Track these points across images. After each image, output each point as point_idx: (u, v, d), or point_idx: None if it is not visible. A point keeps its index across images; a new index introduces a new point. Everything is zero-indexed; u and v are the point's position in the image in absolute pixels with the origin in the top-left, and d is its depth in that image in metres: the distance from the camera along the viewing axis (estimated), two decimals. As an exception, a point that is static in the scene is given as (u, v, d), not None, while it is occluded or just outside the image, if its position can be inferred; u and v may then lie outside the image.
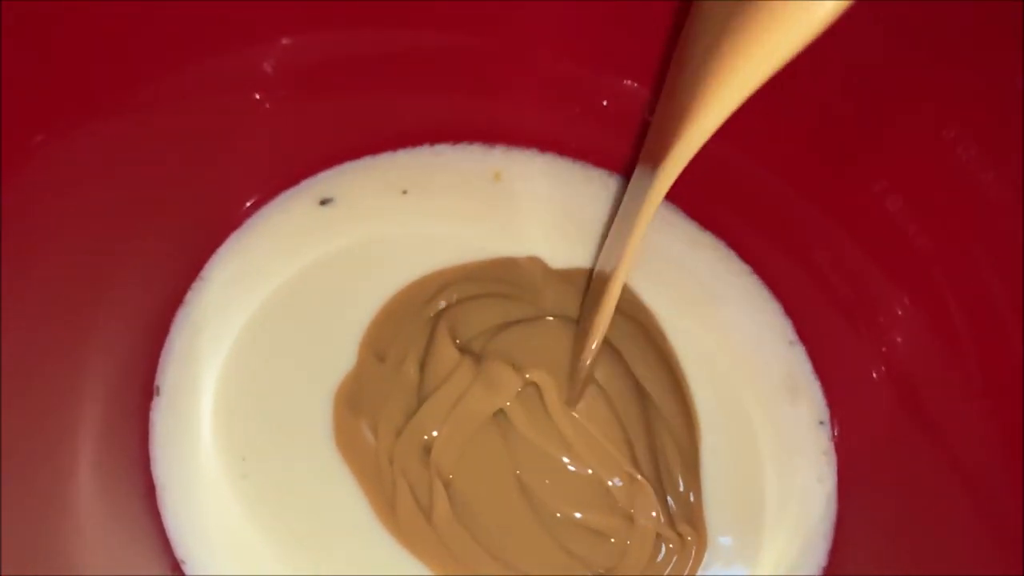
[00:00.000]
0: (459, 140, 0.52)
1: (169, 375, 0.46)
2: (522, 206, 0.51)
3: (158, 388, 0.45)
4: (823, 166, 0.47)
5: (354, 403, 0.46)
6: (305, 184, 0.50)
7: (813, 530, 0.46)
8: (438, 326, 0.47)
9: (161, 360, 0.46)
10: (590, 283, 0.49)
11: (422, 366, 0.46)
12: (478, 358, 0.45)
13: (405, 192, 0.51)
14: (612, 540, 0.44)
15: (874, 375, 0.47)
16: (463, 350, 0.46)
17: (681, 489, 0.45)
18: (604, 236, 0.50)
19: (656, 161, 0.34)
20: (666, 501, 0.44)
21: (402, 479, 0.44)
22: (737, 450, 0.47)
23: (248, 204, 0.49)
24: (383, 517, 0.44)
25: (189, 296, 0.47)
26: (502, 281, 0.49)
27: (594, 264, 0.50)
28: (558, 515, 0.44)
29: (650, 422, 0.46)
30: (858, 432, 0.47)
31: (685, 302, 0.50)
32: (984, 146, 0.39)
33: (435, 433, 0.44)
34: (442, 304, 0.48)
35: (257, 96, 0.45)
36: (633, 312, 0.50)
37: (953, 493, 0.42)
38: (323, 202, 0.50)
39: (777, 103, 0.45)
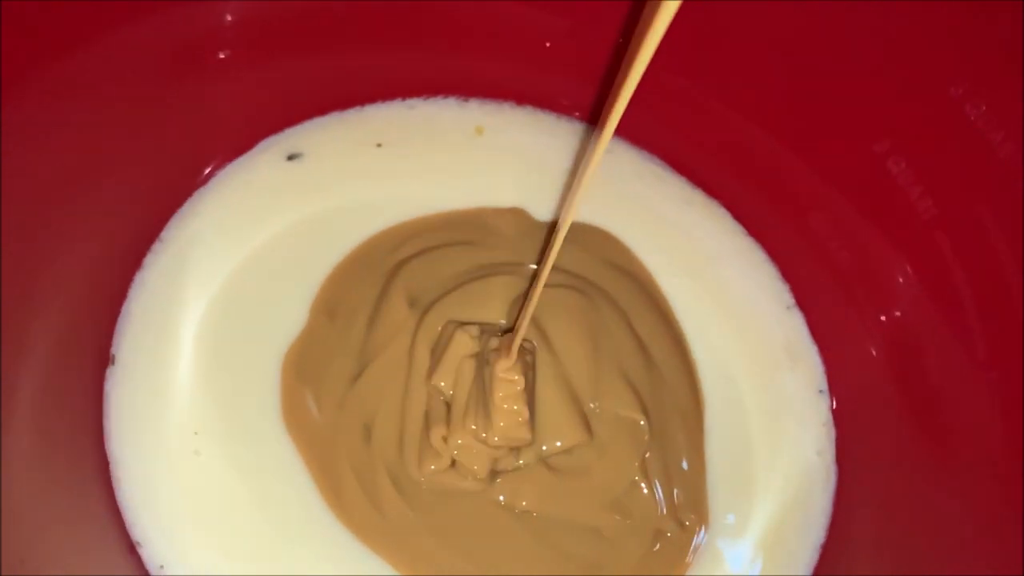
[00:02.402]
0: (433, 94, 0.50)
1: (125, 343, 0.43)
2: (505, 160, 0.49)
3: (113, 356, 0.42)
4: (820, 125, 0.45)
5: (300, 370, 0.43)
6: (271, 140, 0.48)
7: (813, 504, 0.45)
8: (394, 278, 0.44)
9: (117, 327, 0.43)
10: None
11: (370, 323, 0.44)
12: (424, 314, 0.43)
13: (379, 146, 0.49)
14: (604, 535, 0.42)
15: (874, 344, 0.45)
16: (415, 304, 0.44)
17: (685, 467, 0.44)
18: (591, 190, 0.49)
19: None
20: (672, 492, 0.42)
21: (345, 462, 0.41)
22: (736, 418, 0.46)
23: (211, 162, 0.47)
24: (331, 504, 0.41)
25: (148, 259, 0.44)
26: (473, 230, 0.47)
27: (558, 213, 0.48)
28: (535, 513, 0.42)
29: (658, 395, 0.44)
30: (858, 402, 0.46)
31: (679, 260, 0.49)
32: (994, 104, 0.38)
33: (375, 411, 0.42)
34: (403, 255, 0.46)
35: (219, 49, 0.43)
36: (630, 268, 0.48)
37: (955, 467, 0.41)
38: (291, 157, 0.48)
39: (772, 58, 0.44)
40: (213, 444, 0.42)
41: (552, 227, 0.48)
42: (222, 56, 0.43)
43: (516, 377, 0.41)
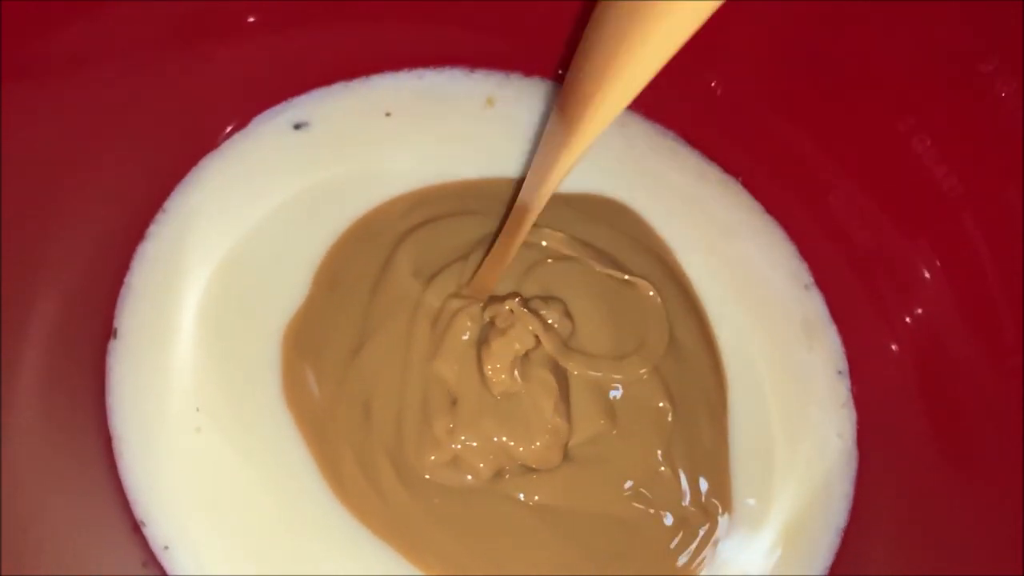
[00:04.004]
0: (440, 64, 0.49)
1: (126, 316, 0.41)
2: (517, 131, 0.48)
3: (115, 330, 0.41)
4: (839, 102, 0.44)
5: (300, 343, 0.42)
6: (277, 109, 0.47)
7: (834, 487, 0.44)
8: (399, 248, 0.43)
9: (119, 299, 0.42)
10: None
11: (372, 294, 0.42)
12: (427, 285, 0.42)
13: (388, 115, 0.47)
14: (626, 524, 0.41)
15: (895, 327, 0.45)
16: (418, 274, 0.43)
17: (709, 453, 0.43)
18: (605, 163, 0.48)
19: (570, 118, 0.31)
20: (696, 479, 0.42)
21: (344, 443, 0.40)
22: (756, 398, 0.45)
23: (216, 132, 0.46)
24: (332, 485, 0.40)
25: (151, 230, 0.43)
26: (484, 199, 0.46)
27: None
28: (550, 505, 0.40)
29: (681, 376, 0.43)
30: (878, 385, 0.45)
31: (695, 235, 0.48)
32: (1025, 81, 0.37)
33: (374, 391, 0.41)
34: (410, 224, 0.45)
35: (224, 20, 0.42)
36: (648, 242, 0.47)
37: (977, 455, 0.40)
38: (297, 126, 0.46)
39: (789, 31, 0.43)
40: (214, 421, 0.40)
41: (566, 199, 0.47)
42: (226, 26, 0.42)
43: (551, 381, 0.40)
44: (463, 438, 0.39)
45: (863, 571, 0.41)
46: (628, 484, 0.41)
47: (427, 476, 0.40)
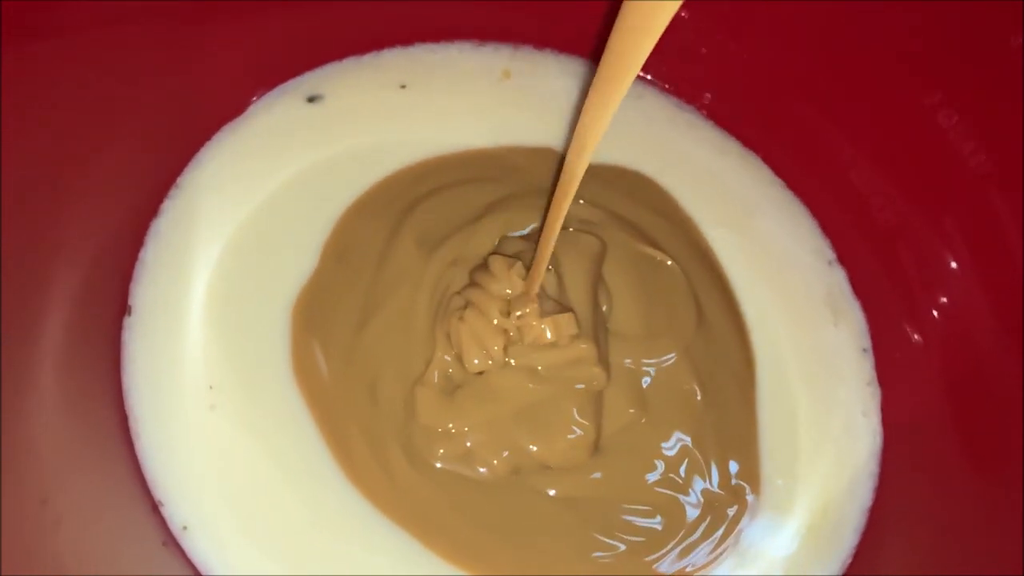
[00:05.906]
0: (453, 39, 0.49)
1: (141, 292, 0.41)
2: (534, 103, 0.48)
3: (130, 307, 0.40)
4: (862, 76, 0.43)
5: (308, 318, 0.41)
6: (290, 83, 0.46)
7: (860, 467, 0.43)
8: (407, 216, 0.43)
9: (134, 276, 0.41)
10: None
11: (378, 265, 0.42)
12: (431, 255, 0.42)
13: (404, 87, 0.47)
14: (655, 511, 0.40)
15: (920, 310, 0.44)
16: (423, 243, 0.42)
17: (739, 435, 0.42)
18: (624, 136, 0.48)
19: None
20: (726, 462, 0.41)
21: (353, 424, 0.39)
22: (782, 376, 0.44)
23: (229, 106, 0.45)
24: (343, 467, 0.39)
25: (165, 205, 0.43)
26: (497, 167, 0.46)
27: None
28: (574, 497, 0.40)
29: (711, 357, 0.42)
30: (903, 364, 0.45)
31: (717, 210, 0.47)
32: (1059, 57, 0.36)
33: (379, 372, 0.40)
34: (420, 192, 0.44)
35: None
36: (674, 216, 0.46)
37: (1002, 447, 0.39)
38: (311, 99, 0.46)
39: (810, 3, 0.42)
40: (227, 399, 0.40)
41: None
42: (239, 1, 0.42)
43: (598, 371, 0.39)
44: (469, 431, 0.39)
45: (889, 552, 0.41)
46: (657, 470, 0.40)
47: (438, 465, 0.39)
